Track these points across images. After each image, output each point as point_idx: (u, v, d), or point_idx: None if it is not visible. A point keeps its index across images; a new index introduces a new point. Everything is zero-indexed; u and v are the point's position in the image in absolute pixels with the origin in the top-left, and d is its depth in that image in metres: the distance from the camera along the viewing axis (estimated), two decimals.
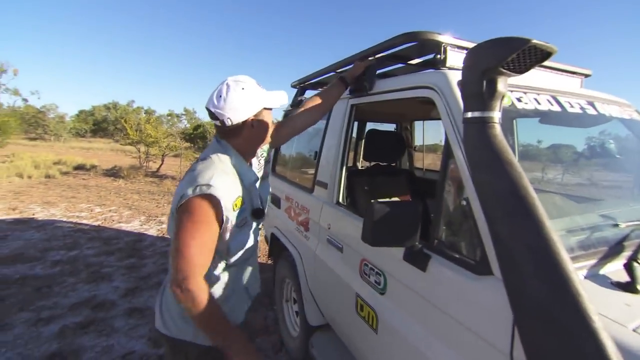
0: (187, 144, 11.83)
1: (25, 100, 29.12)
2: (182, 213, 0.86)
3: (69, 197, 6.82)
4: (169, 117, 29.52)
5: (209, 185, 0.86)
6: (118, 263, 3.61)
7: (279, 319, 2.41)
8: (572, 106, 1.13)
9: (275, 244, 2.40)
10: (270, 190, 1.29)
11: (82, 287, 3.03)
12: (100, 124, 35.53)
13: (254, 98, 0.97)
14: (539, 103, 1.07)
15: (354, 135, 2.96)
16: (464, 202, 0.88)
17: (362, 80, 1.46)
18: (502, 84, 0.72)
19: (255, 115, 0.98)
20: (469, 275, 0.82)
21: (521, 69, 0.71)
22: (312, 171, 2.23)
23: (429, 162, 3.35)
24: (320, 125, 2.03)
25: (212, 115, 0.96)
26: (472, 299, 0.80)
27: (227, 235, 0.95)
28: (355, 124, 2.82)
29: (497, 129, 0.73)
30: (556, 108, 1.09)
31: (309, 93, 2.36)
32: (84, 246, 4.06)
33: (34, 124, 27.61)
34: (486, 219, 0.68)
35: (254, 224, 1.07)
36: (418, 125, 3.32)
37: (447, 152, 0.96)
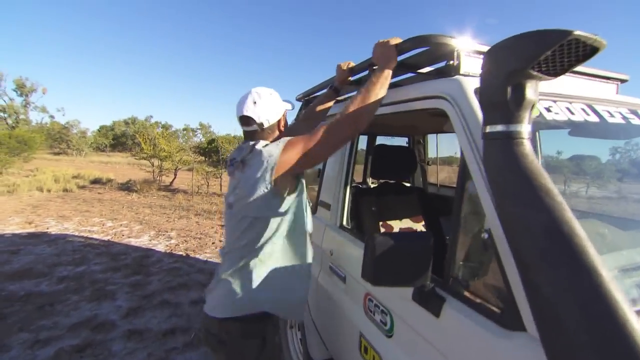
0: (201, 158, 11.97)
1: (52, 117, 30.70)
2: (285, 150, 0.99)
3: (83, 210, 6.93)
4: (185, 132, 30.28)
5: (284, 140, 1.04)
6: (123, 280, 3.54)
7: (283, 346, 2.24)
8: (612, 115, 0.96)
9: None
10: None
11: (85, 306, 2.95)
12: (119, 139, 36.85)
13: (280, 101, 1.16)
14: (572, 113, 0.91)
15: (363, 149, 2.82)
16: (485, 235, 0.73)
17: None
18: (531, 89, 0.58)
19: (283, 116, 1.17)
20: (494, 329, 0.66)
21: (557, 71, 0.56)
22: (313, 188, 2.11)
23: (443, 176, 3.16)
24: None
25: (248, 122, 1.10)
26: (498, 359, 0.64)
27: (300, 201, 1.11)
28: (365, 138, 2.70)
29: (527, 146, 0.58)
30: (593, 118, 0.93)
31: None
32: (92, 262, 4.03)
33: (58, 139, 28.91)
34: (517, 263, 0.53)
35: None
36: (432, 137, 3.16)
37: (463, 173, 0.82)
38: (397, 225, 1.61)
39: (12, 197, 8.02)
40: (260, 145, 1.05)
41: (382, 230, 1.56)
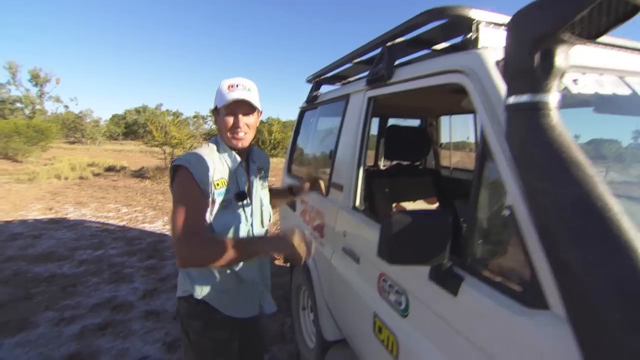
0: None
1: (66, 107, 31.25)
2: (174, 185, 1.01)
3: (99, 197, 7.12)
4: (195, 119, 30.43)
5: (186, 160, 1.00)
6: (139, 264, 3.65)
7: (296, 327, 2.29)
8: None
9: None
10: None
11: (104, 288, 3.07)
12: (131, 127, 37.35)
13: (216, 95, 1.08)
14: (601, 86, 0.86)
15: (372, 132, 2.77)
16: (507, 213, 0.70)
17: (379, 68, 1.30)
18: (562, 55, 0.54)
19: (212, 110, 1.13)
20: (515, 307, 0.64)
21: (593, 33, 0.51)
22: (325, 170, 2.09)
23: (456, 160, 3.09)
24: (335, 122, 1.88)
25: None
26: (519, 337, 0.62)
27: (211, 215, 1.03)
28: (376, 120, 2.64)
29: (555, 117, 0.55)
30: (624, 91, 0.87)
31: (325, 88, 2.21)
32: (109, 246, 4.17)
33: (72, 128, 29.50)
34: (543, 241, 0.50)
35: (241, 209, 1.10)
36: (444, 121, 3.07)
37: (482, 150, 0.78)
38: (410, 206, 1.58)
39: (33, 185, 8.28)
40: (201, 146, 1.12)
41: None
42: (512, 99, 0.59)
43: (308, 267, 1.86)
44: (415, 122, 2.95)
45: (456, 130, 2.74)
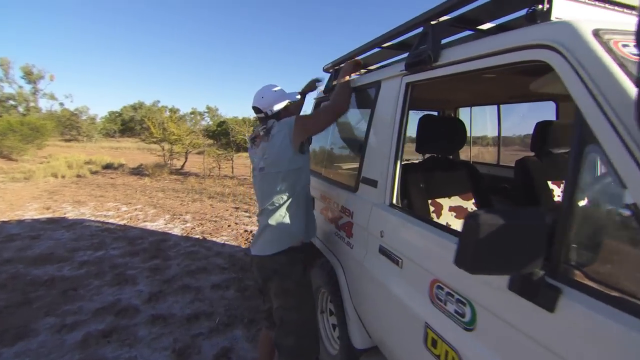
0: (211, 141, 11.86)
1: (61, 104, 30.75)
2: (302, 120, 1.46)
3: (97, 196, 6.94)
4: (192, 115, 30.11)
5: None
6: (142, 265, 3.50)
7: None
8: None
9: (308, 250, 2.14)
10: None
11: (107, 291, 2.93)
12: (127, 124, 36.86)
13: (283, 95, 1.55)
14: None
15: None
16: (628, 212, 0.57)
17: (421, 50, 1.16)
18: None
19: (287, 105, 1.54)
20: None
21: None
22: (350, 165, 1.95)
23: (474, 153, 2.97)
24: (362, 112, 1.74)
25: (258, 110, 1.54)
26: None
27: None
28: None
29: None
30: None
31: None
32: (110, 246, 4.01)
33: (68, 126, 29.04)
34: None
35: None
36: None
37: (581, 137, 0.65)
38: (446, 203, 1.45)
39: (29, 184, 8.08)
40: (279, 121, 1.46)
41: (432, 208, 1.41)
42: None
43: (332, 270, 1.73)
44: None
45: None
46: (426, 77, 1.17)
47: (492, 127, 2.65)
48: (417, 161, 1.68)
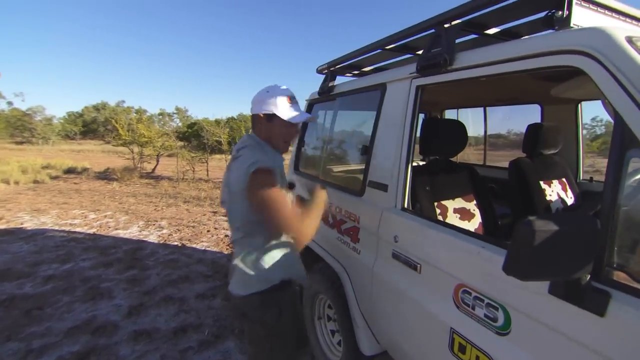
0: (181, 143, 11.37)
1: (10, 103, 28.17)
2: (254, 186, 1.04)
3: (60, 203, 6.40)
4: (161, 117, 28.81)
5: (264, 160, 1.07)
6: (118, 276, 3.26)
7: (311, 338, 2.10)
8: None
9: (304, 254, 2.08)
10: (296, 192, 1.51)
11: (79, 307, 2.68)
12: (89, 125, 34.51)
13: (268, 101, 1.16)
14: None
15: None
16: None
17: (435, 53, 1.15)
18: None
19: (264, 115, 1.16)
20: None
21: None
22: (352, 168, 1.92)
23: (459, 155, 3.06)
24: (365, 115, 1.71)
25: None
26: None
27: None
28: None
29: None
30: None
31: (340, 79, 2.03)
32: (79, 258, 3.70)
33: (20, 127, 26.65)
34: None
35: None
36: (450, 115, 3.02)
37: (622, 142, 0.66)
38: (451, 205, 1.46)
39: None
40: (243, 151, 1.14)
41: (438, 211, 1.41)
42: None
43: (333, 275, 1.68)
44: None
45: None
46: (438, 81, 1.16)
47: (478, 129, 2.75)
48: (420, 164, 1.67)
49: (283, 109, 1.15)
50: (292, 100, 1.19)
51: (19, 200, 6.56)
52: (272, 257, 1.16)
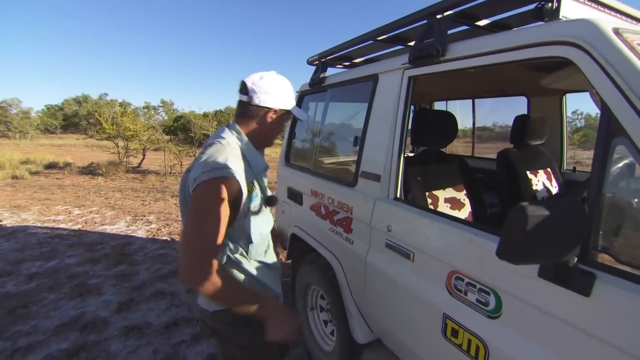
0: (168, 137, 11.13)
1: None
2: (195, 197, 0.86)
3: (42, 199, 6.19)
4: (146, 110, 28.06)
5: (224, 168, 0.86)
6: (106, 272, 3.20)
7: (304, 329, 2.12)
8: None
9: (296, 246, 2.09)
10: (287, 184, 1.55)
11: (67, 304, 2.62)
12: (70, 119, 33.31)
13: (286, 95, 1.03)
14: None
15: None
16: None
17: (427, 44, 1.16)
18: None
19: (278, 109, 1.02)
20: None
21: None
22: (344, 159, 1.92)
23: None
24: (356, 106, 1.71)
25: (244, 90, 1.00)
26: None
27: (245, 221, 0.98)
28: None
29: None
30: None
31: (331, 70, 2.02)
32: (64, 254, 3.61)
33: None
34: None
35: (268, 210, 1.10)
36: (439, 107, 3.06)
37: (609, 131, 0.68)
38: (442, 195, 1.49)
39: None
40: (210, 149, 0.94)
41: (429, 200, 1.44)
42: None
43: (326, 266, 1.70)
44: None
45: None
46: (431, 71, 1.17)
47: (466, 121, 2.79)
48: (409, 155, 1.69)
49: (292, 105, 1.06)
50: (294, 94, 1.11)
51: None
52: (239, 271, 1.01)
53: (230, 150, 0.94)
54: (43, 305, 2.61)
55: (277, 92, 1.00)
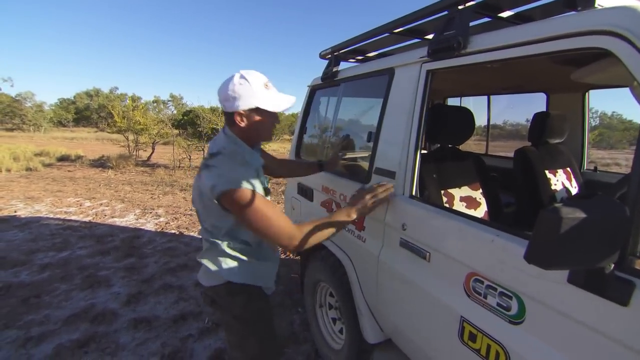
0: (176, 131, 11.21)
1: None
2: (232, 203, 0.99)
3: (54, 191, 6.30)
4: (155, 104, 28.32)
5: (227, 178, 0.99)
6: (116, 264, 3.23)
7: (312, 326, 2.11)
8: None
9: None
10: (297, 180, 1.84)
11: (77, 295, 2.66)
12: (82, 112, 33.82)
13: (248, 94, 1.02)
14: None
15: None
16: None
17: (448, 36, 1.10)
18: None
19: (245, 110, 1.04)
20: None
21: None
22: (356, 155, 1.88)
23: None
24: (371, 100, 1.67)
25: (220, 101, 1.08)
26: None
27: None
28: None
29: None
30: None
31: (343, 65, 1.97)
32: (76, 246, 3.66)
33: (9, 113, 26.07)
34: None
35: None
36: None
37: None
38: (457, 193, 1.44)
39: None
40: (215, 160, 1.05)
41: (445, 199, 1.39)
42: None
43: (336, 263, 1.67)
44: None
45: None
46: (451, 65, 1.12)
47: (479, 118, 2.72)
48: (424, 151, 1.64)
49: (266, 100, 1.04)
50: (268, 85, 1.07)
51: (12, 187, 6.45)
52: (235, 261, 1.14)
53: (233, 157, 1.06)
54: (55, 296, 2.65)
55: (244, 93, 1.02)
